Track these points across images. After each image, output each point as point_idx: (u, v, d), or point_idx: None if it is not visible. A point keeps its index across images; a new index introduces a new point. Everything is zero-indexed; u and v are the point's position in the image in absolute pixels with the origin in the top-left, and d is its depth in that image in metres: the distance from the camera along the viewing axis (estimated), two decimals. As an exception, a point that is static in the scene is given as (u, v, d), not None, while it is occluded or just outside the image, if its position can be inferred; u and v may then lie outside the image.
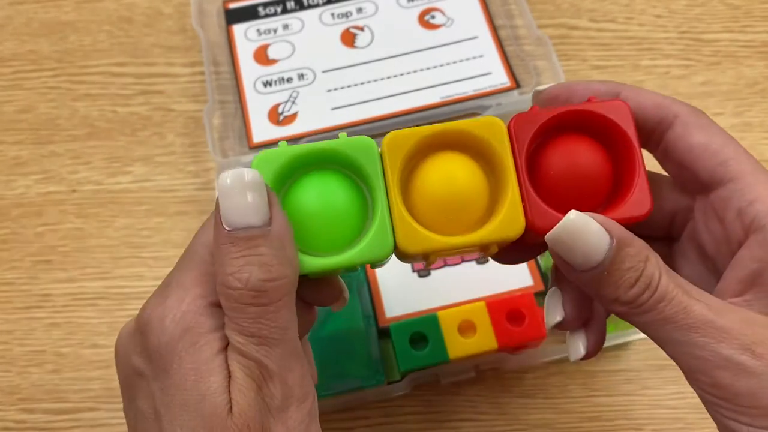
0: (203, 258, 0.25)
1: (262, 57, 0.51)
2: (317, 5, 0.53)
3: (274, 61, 0.51)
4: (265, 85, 0.50)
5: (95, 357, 0.43)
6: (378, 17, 0.52)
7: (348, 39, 0.51)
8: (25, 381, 0.43)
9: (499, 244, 0.26)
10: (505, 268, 0.32)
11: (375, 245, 0.25)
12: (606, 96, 0.27)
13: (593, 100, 0.26)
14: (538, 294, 0.41)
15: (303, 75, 0.50)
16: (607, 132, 0.26)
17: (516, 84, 0.49)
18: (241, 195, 0.23)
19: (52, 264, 0.46)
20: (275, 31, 0.52)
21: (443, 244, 0.25)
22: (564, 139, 0.26)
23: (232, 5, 0.53)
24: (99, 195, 0.48)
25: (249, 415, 0.22)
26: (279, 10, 0.53)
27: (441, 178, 0.25)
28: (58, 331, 0.44)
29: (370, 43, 0.51)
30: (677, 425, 0.41)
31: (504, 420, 0.41)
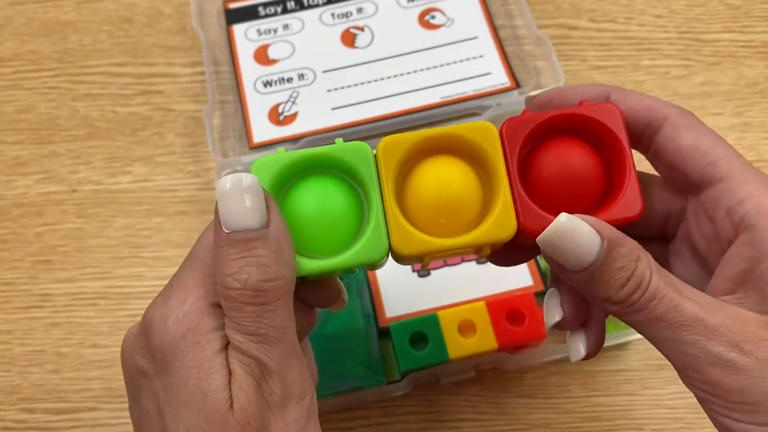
0: (205, 260, 0.25)
1: (262, 57, 0.51)
2: (317, 5, 0.53)
3: (274, 61, 0.51)
4: (266, 85, 0.50)
5: (95, 357, 0.43)
6: (378, 17, 0.52)
7: (348, 39, 0.51)
8: (26, 381, 0.43)
9: (492, 245, 0.26)
10: (505, 268, 0.32)
11: (370, 247, 0.25)
12: (597, 99, 0.27)
13: (584, 103, 0.27)
14: (538, 294, 0.42)
15: (303, 75, 0.50)
16: (598, 135, 0.27)
17: (516, 84, 0.49)
18: (239, 199, 0.23)
19: (52, 264, 0.46)
20: (275, 31, 0.52)
21: (437, 246, 0.26)
22: (555, 143, 0.27)
23: (232, 5, 0.53)
24: (99, 195, 0.48)
25: (249, 411, 0.23)
26: (279, 10, 0.53)
27: (435, 181, 0.26)
28: (58, 331, 0.44)
29: (370, 44, 0.51)
30: (677, 425, 0.41)
31: (504, 420, 0.41)
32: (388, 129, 0.48)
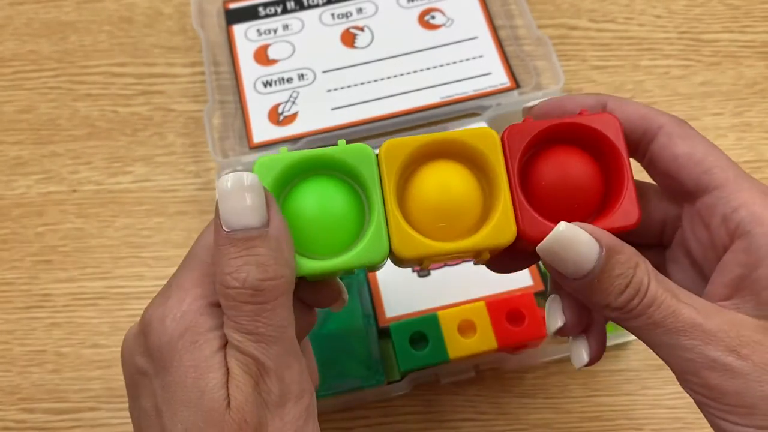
0: (204, 260, 0.25)
1: (262, 57, 0.51)
2: (317, 5, 0.53)
3: (274, 62, 0.51)
4: (265, 86, 0.50)
5: (96, 357, 0.43)
6: (378, 17, 0.52)
7: (348, 39, 0.51)
8: (26, 381, 0.43)
9: (491, 250, 0.27)
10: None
11: (370, 249, 0.25)
12: (594, 108, 0.28)
13: (584, 113, 0.27)
14: (538, 294, 0.42)
15: (303, 75, 0.50)
16: (597, 144, 0.27)
17: (516, 84, 0.49)
18: (240, 198, 0.23)
19: (52, 264, 0.46)
20: (275, 32, 0.52)
21: (437, 249, 0.26)
22: (555, 151, 0.27)
23: (232, 5, 0.53)
24: (99, 195, 0.48)
25: (246, 410, 0.23)
26: (279, 10, 0.53)
27: (436, 185, 0.26)
28: (58, 331, 0.44)
29: (370, 44, 0.51)
30: (677, 425, 0.41)
31: (504, 420, 0.41)
32: (388, 129, 0.48)
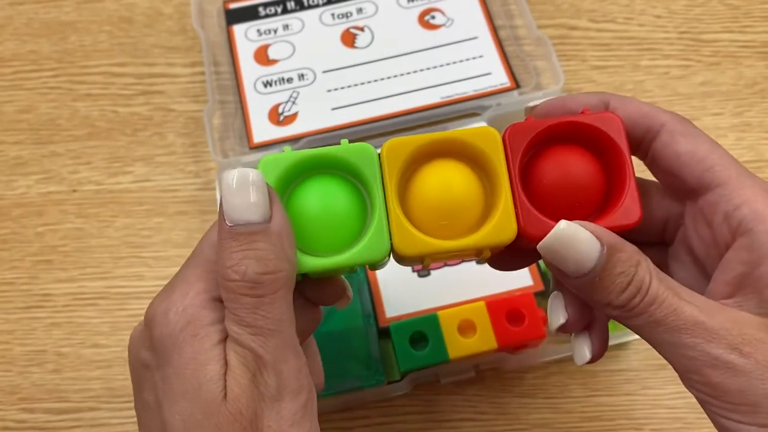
0: (209, 256, 0.26)
1: (262, 57, 0.51)
2: (317, 5, 0.53)
3: (274, 62, 0.51)
4: (266, 86, 0.50)
5: (96, 357, 0.43)
6: (378, 18, 0.52)
7: (348, 39, 0.51)
8: (26, 381, 0.43)
9: (492, 249, 0.27)
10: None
11: (372, 247, 0.26)
12: (597, 107, 0.28)
13: (586, 112, 0.27)
14: (537, 294, 0.42)
15: (303, 75, 0.50)
16: (599, 143, 0.27)
17: (516, 84, 0.49)
18: (243, 193, 0.24)
19: (52, 264, 0.46)
20: (275, 32, 0.52)
21: (438, 247, 0.26)
22: (557, 150, 0.27)
23: (232, 5, 0.53)
24: (99, 195, 0.48)
25: (242, 402, 0.23)
26: (279, 10, 0.53)
27: (437, 184, 0.26)
28: (58, 331, 0.44)
29: (370, 44, 0.51)
30: (677, 425, 0.41)
31: (504, 420, 0.41)
32: (388, 129, 0.48)
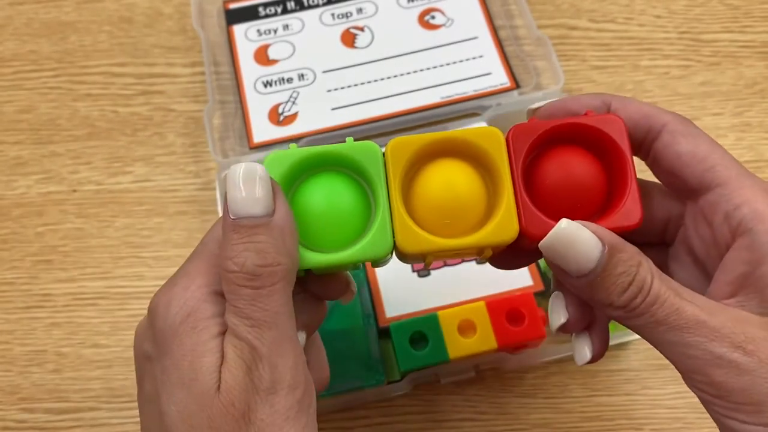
0: (212, 250, 0.26)
1: (262, 57, 0.51)
2: (317, 5, 0.53)
3: (274, 62, 0.51)
4: (266, 86, 0.50)
5: (96, 357, 0.43)
6: (378, 18, 0.52)
7: (348, 39, 0.51)
8: (26, 381, 0.43)
9: (494, 248, 0.27)
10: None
11: (375, 244, 0.26)
12: (599, 108, 0.28)
13: (590, 114, 0.27)
14: (537, 294, 0.42)
15: (303, 75, 0.50)
16: (602, 144, 0.27)
17: (516, 84, 0.49)
18: (248, 187, 0.24)
19: (52, 264, 0.46)
20: (275, 32, 0.52)
21: (440, 245, 0.26)
22: (560, 151, 0.27)
23: (232, 5, 0.53)
24: (99, 195, 0.48)
25: (234, 394, 0.23)
26: (279, 10, 0.53)
27: (441, 183, 0.27)
28: (58, 331, 0.44)
29: (370, 44, 0.51)
30: (677, 425, 0.41)
31: (504, 420, 0.41)
32: (388, 129, 0.48)
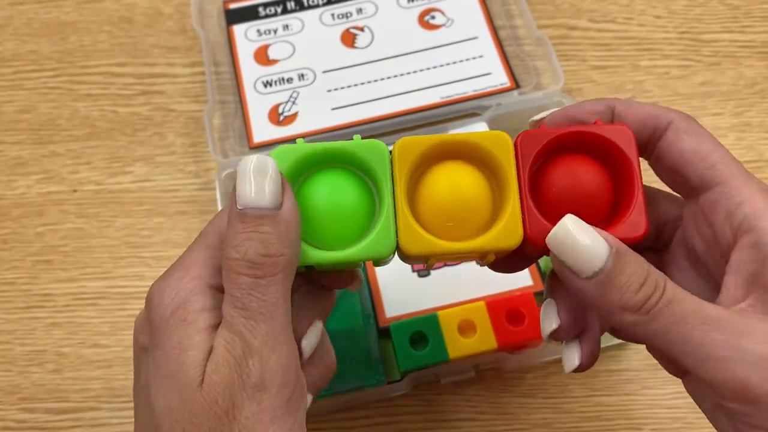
0: (210, 242, 0.26)
1: (262, 57, 0.51)
2: (317, 6, 0.53)
3: (274, 62, 0.51)
4: (266, 86, 0.50)
5: (96, 357, 0.43)
6: (378, 18, 0.52)
7: (348, 39, 0.51)
8: (26, 380, 0.43)
9: (497, 253, 0.27)
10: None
11: (378, 243, 0.26)
12: (603, 114, 0.28)
13: (599, 122, 0.27)
14: (537, 294, 0.42)
15: (303, 75, 0.50)
16: (610, 153, 0.27)
17: (516, 84, 0.49)
18: (257, 179, 0.24)
19: (52, 264, 0.46)
20: (275, 32, 0.52)
21: (443, 248, 0.26)
22: (567, 158, 0.27)
23: (232, 5, 0.53)
24: (99, 195, 0.48)
25: (218, 390, 0.23)
26: (279, 10, 0.53)
27: (446, 185, 0.26)
28: (59, 331, 0.44)
29: (370, 44, 0.51)
30: (677, 425, 0.41)
31: (504, 420, 0.41)
32: (388, 129, 0.48)
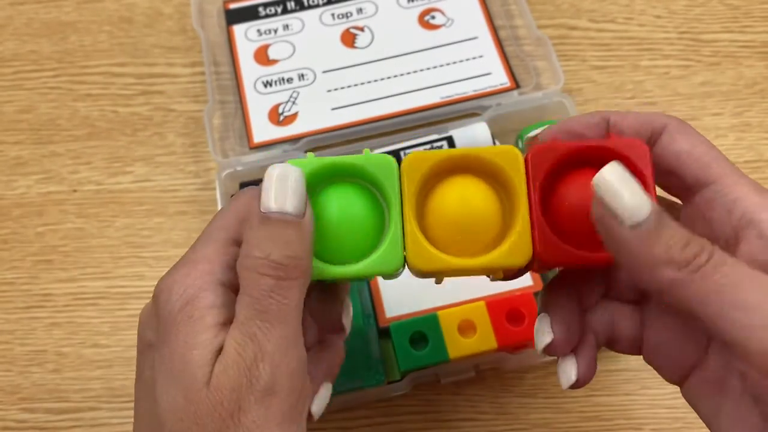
0: (217, 238, 0.26)
1: (262, 57, 0.51)
2: (317, 5, 0.53)
3: (274, 62, 0.51)
4: (266, 86, 0.50)
5: (96, 357, 0.43)
6: (378, 18, 0.52)
7: (348, 39, 0.51)
8: (26, 380, 0.43)
9: (505, 270, 0.27)
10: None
11: (386, 259, 0.26)
12: (598, 126, 0.27)
13: (613, 137, 0.27)
14: (537, 294, 0.41)
15: (303, 75, 0.50)
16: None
17: (516, 84, 0.49)
18: (283, 186, 0.24)
19: (52, 264, 0.46)
20: (275, 32, 0.52)
21: (451, 264, 0.26)
22: (580, 174, 0.26)
23: (232, 5, 0.53)
24: (99, 195, 0.48)
25: (224, 393, 0.23)
26: (279, 10, 0.53)
27: (455, 200, 0.26)
28: (59, 331, 0.44)
29: (370, 44, 0.51)
30: (676, 425, 0.41)
31: (504, 420, 0.41)
32: (388, 129, 0.48)
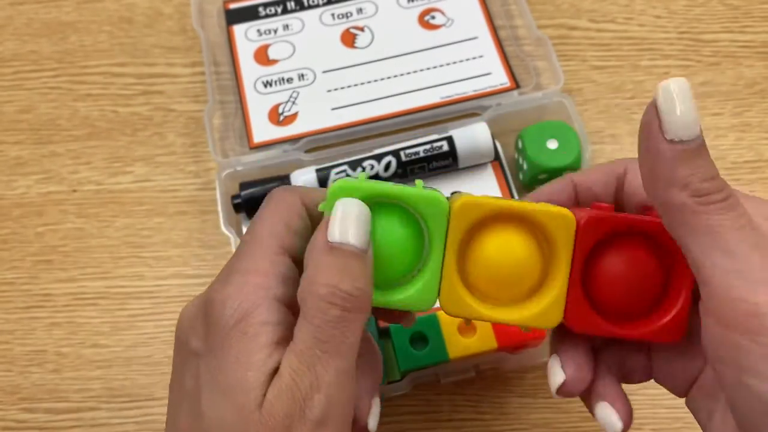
0: (268, 245, 0.26)
1: (262, 57, 0.51)
2: (317, 5, 0.53)
3: (274, 62, 0.51)
4: (266, 86, 0.50)
5: (96, 356, 0.43)
6: (378, 17, 0.52)
7: (348, 39, 0.51)
8: (26, 380, 0.43)
9: (532, 329, 0.28)
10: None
11: (419, 298, 0.27)
12: (564, 190, 0.29)
13: (653, 213, 0.26)
14: (537, 294, 0.42)
15: (303, 75, 0.50)
16: (667, 246, 0.26)
17: (516, 84, 0.49)
18: (349, 220, 0.24)
19: (52, 264, 0.46)
20: (275, 32, 0.52)
21: (482, 314, 0.27)
22: (624, 247, 0.27)
23: (232, 5, 0.53)
24: (99, 195, 0.48)
25: (277, 419, 0.23)
26: (279, 10, 0.53)
27: (500, 253, 0.27)
28: (58, 331, 0.44)
29: (370, 44, 0.51)
30: (677, 425, 0.41)
31: (504, 420, 0.41)
32: (388, 129, 0.48)
